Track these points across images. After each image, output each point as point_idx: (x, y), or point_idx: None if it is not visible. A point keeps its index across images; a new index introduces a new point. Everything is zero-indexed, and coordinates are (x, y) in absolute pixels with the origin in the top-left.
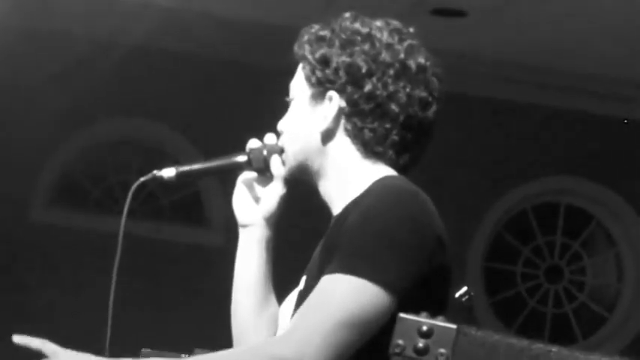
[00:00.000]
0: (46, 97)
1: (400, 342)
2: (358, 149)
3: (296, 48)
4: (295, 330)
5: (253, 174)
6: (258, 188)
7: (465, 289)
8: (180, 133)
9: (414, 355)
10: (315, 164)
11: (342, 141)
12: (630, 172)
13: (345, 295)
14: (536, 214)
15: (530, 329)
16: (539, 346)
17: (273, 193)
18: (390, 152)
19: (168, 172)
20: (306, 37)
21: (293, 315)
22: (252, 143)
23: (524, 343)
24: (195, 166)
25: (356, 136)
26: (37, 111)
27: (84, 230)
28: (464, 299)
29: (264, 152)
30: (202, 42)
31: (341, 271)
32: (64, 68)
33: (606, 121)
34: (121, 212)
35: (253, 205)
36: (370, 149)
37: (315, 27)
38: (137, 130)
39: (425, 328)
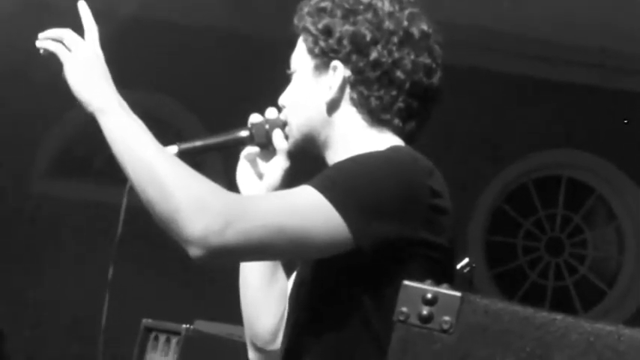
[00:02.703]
0: (46, 69)
1: (404, 309)
2: (364, 118)
3: (296, 21)
4: (248, 204)
5: (256, 149)
6: (261, 163)
7: (466, 260)
8: (183, 105)
9: (418, 322)
10: (320, 135)
11: (348, 110)
12: (632, 145)
13: (303, 205)
14: (538, 187)
15: (531, 302)
16: (543, 314)
17: (277, 167)
18: (397, 120)
19: (171, 150)
20: (306, 10)
21: (290, 294)
22: (254, 118)
23: (528, 311)
24: (198, 143)
25: (362, 104)
26: (36, 82)
27: (85, 201)
28: (465, 270)
29: (266, 126)
30: (208, 13)
31: (313, 185)
32: None
33: (608, 94)
34: (121, 181)
35: (257, 181)
36: (376, 117)
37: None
38: (138, 102)
39: (429, 295)
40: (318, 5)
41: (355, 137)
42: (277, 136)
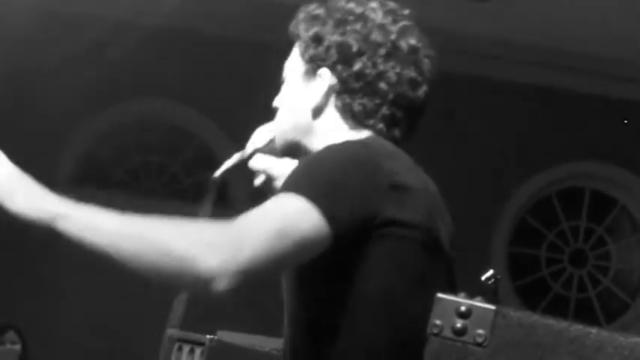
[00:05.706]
0: (69, 79)
1: (438, 322)
2: (347, 123)
3: (292, 27)
4: (240, 224)
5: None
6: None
7: (491, 272)
8: (202, 113)
9: (452, 335)
10: (304, 141)
11: (332, 117)
12: None
13: (278, 207)
14: (561, 199)
15: (554, 314)
16: (577, 328)
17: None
18: (381, 125)
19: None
20: (301, 16)
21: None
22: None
23: (562, 324)
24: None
25: (346, 111)
26: (60, 92)
27: (107, 210)
28: (490, 282)
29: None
30: (227, 22)
31: (284, 186)
32: (86, 49)
33: (630, 105)
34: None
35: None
36: (360, 122)
37: (311, 6)
38: (159, 111)
39: (463, 308)
40: (313, 12)
41: (336, 139)
42: (255, 161)
